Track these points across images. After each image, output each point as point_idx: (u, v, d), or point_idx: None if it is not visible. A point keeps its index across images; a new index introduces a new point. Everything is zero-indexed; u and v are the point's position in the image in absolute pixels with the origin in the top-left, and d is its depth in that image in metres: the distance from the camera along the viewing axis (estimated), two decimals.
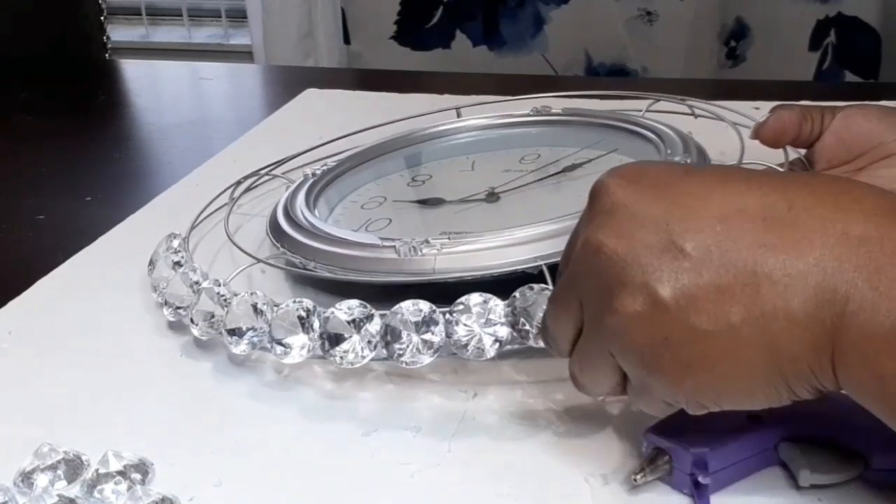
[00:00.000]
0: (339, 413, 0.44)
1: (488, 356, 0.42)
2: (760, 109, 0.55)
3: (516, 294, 0.42)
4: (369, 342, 0.42)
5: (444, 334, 0.42)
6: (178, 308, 0.49)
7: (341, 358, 0.42)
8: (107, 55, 1.24)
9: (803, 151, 0.53)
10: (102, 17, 1.25)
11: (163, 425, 0.43)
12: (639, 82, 1.18)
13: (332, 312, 0.43)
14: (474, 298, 0.42)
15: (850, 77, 1.24)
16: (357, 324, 0.42)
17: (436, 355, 0.42)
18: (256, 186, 0.64)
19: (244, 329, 0.44)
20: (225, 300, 0.46)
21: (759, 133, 0.54)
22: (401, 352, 0.42)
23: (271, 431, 0.42)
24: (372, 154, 0.64)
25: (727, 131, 0.55)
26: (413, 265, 0.47)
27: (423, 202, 0.59)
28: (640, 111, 0.62)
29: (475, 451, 0.40)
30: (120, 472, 0.38)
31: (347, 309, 0.42)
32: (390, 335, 0.42)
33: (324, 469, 0.40)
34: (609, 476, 0.38)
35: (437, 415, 0.43)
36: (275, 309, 0.44)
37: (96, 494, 0.38)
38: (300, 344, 0.43)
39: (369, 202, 0.60)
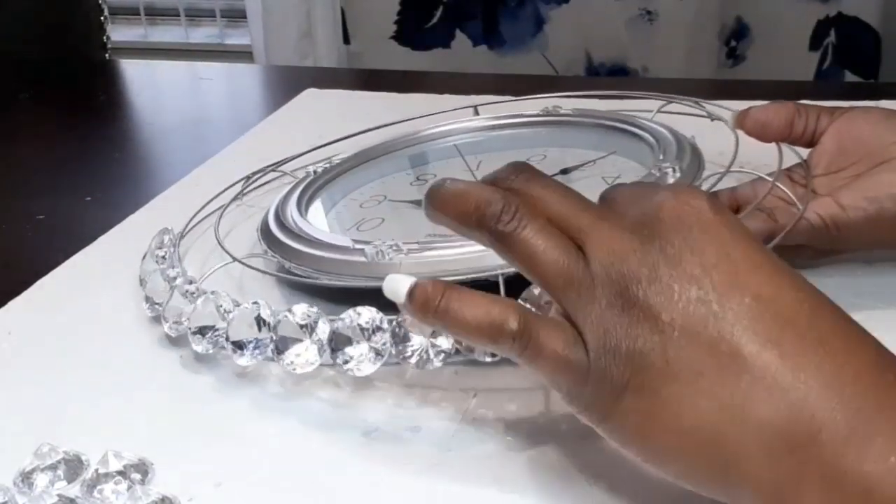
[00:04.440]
0: (339, 413, 0.44)
1: (433, 367, 0.41)
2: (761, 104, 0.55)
3: None
4: (320, 348, 0.42)
5: (390, 342, 0.42)
6: (156, 304, 0.49)
7: (292, 363, 0.42)
8: (107, 55, 1.24)
9: (805, 153, 0.53)
10: (102, 17, 1.25)
11: (163, 425, 0.43)
12: (639, 82, 1.18)
13: (285, 316, 0.43)
14: None
15: (850, 77, 1.24)
16: (309, 328, 0.42)
17: (380, 363, 0.42)
18: (268, 182, 0.65)
19: (208, 327, 0.45)
20: (194, 297, 0.46)
21: (740, 121, 0.54)
22: (348, 359, 0.42)
23: (271, 432, 0.42)
24: (378, 153, 0.65)
25: (730, 132, 0.55)
26: (381, 269, 0.47)
27: (419, 203, 0.59)
28: (652, 112, 0.61)
29: (475, 451, 0.40)
30: (120, 472, 0.38)
31: (299, 313, 0.43)
32: (336, 341, 0.42)
33: (324, 469, 0.40)
34: (610, 476, 0.38)
35: (437, 415, 0.43)
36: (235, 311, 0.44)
37: (96, 494, 0.38)
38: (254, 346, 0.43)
39: (369, 200, 0.60)
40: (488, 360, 0.41)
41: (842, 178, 0.50)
